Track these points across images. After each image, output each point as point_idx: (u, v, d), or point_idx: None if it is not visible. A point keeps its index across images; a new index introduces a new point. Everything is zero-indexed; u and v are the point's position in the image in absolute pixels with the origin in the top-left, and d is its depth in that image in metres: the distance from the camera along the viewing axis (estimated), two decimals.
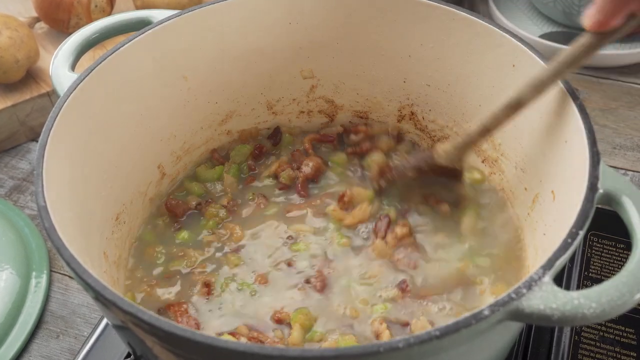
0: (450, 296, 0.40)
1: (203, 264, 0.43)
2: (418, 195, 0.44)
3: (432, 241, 0.43)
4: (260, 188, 0.48)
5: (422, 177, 0.43)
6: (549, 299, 0.28)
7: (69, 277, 0.52)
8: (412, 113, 0.51)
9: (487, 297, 0.40)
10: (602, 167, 0.33)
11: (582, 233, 0.30)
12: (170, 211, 0.46)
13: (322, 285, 0.41)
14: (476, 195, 0.45)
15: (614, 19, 0.32)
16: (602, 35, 0.33)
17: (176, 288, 0.42)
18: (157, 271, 0.43)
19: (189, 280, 0.42)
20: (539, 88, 0.36)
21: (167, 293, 0.42)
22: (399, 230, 0.43)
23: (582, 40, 0.34)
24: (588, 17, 0.32)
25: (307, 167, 0.48)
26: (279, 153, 0.51)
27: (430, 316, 0.39)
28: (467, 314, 0.27)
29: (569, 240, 0.30)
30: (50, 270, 0.52)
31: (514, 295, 0.28)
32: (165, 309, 0.41)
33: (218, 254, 0.44)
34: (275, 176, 0.48)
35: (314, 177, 0.48)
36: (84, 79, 0.40)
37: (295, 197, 0.47)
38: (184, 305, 0.40)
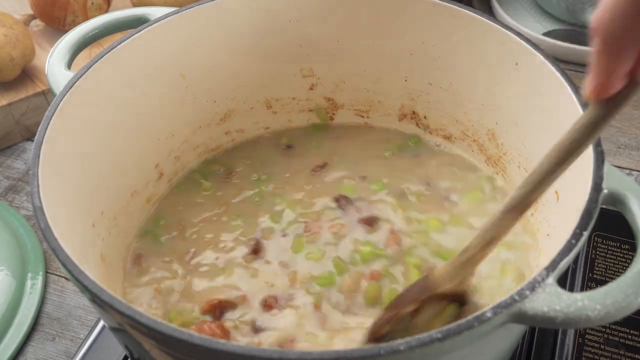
0: None
1: None
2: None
3: None
4: None
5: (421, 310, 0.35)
6: (553, 301, 0.27)
7: (65, 278, 0.52)
8: (414, 112, 0.50)
9: None
10: (607, 167, 0.33)
11: (586, 234, 0.30)
12: None
13: None
14: None
15: (614, 82, 0.26)
16: (607, 105, 0.27)
17: None
18: None
19: None
20: (537, 188, 0.30)
21: None
22: None
23: (586, 118, 0.28)
24: (587, 86, 0.27)
25: None
26: None
27: None
28: (469, 317, 0.27)
29: (573, 241, 0.30)
30: (46, 272, 0.52)
31: (516, 297, 0.27)
32: None
33: None
34: None
35: None
36: (80, 77, 0.39)
37: None
38: None
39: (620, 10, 0.24)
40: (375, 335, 0.36)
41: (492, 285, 0.40)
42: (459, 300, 0.34)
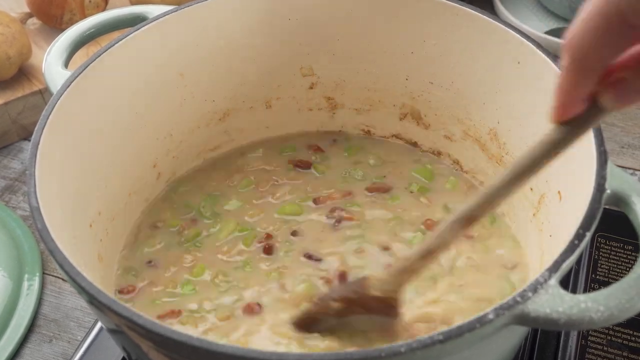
0: None
1: None
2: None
3: None
4: None
5: (349, 314, 0.35)
6: (555, 303, 0.27)
7: (62, 279, 0.52)
8: (415, 111, 0.50)
9: None
10: (610, 167, 0.32)
11: (589, 234, 0.30)
12: None
13: None
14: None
15: (575, 103, 0.27)
16: (568, 128, 0.28)
17: None
18: None
19: None
20: (491, 202, 0.31)
21: None
22: None
23: (547, 138, 0.29)
24: (551, 107, 0.28)
25: None
26: None
27: None
28: (471, 318, 0.26)
29: (576, 242, 0.29)
30: (43, 273, 0.52)
31: (519, 299, 0.27)
32: None
33: None
34: None
35: None
36: (77, 76, 0.39)
37: None
38: None
39: (591, 27, 0.24)
40: (301, 323, 0.37)
41: None
42: (389, 311, 0.35)
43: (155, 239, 0.44)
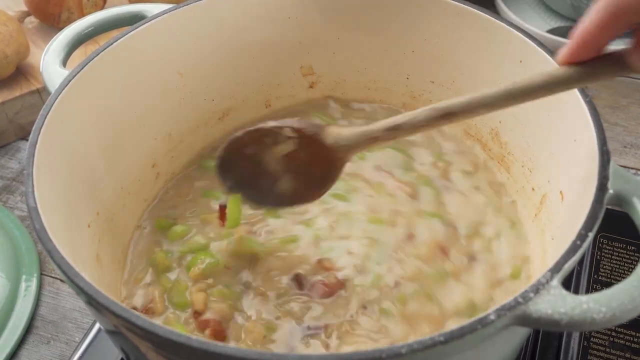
0: None
1: None
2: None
3: None
4: None
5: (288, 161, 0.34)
6: (557, 303, 0.27)
7: (60, 280, 0.51)
8: None
9: None
10: (612, 167, 0.32)
11: (591, 235, 0.30)
12: None
13: None
14: None
15: (593, 46, 0.26)
16: (577, 69, 0.27)
17: None
18: None
19: None
20: (473, 108, 0.30)
21: None
22: None
23: (552, 72, 0.28)
24: (563, 48, 0.27)
25: None
26: None
27: None
28: (472, 319, 0.26)
29: (578, 243, 0.29)
30: (41, 274, 0.51)
31: (520, 300, 0.27)
32: None
33: None
34: None
35: None
36: (75, 75, 0.39)
37: None
38: None
39: None
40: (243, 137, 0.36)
41: None
42: (328, 172, 0.34)
43: None
